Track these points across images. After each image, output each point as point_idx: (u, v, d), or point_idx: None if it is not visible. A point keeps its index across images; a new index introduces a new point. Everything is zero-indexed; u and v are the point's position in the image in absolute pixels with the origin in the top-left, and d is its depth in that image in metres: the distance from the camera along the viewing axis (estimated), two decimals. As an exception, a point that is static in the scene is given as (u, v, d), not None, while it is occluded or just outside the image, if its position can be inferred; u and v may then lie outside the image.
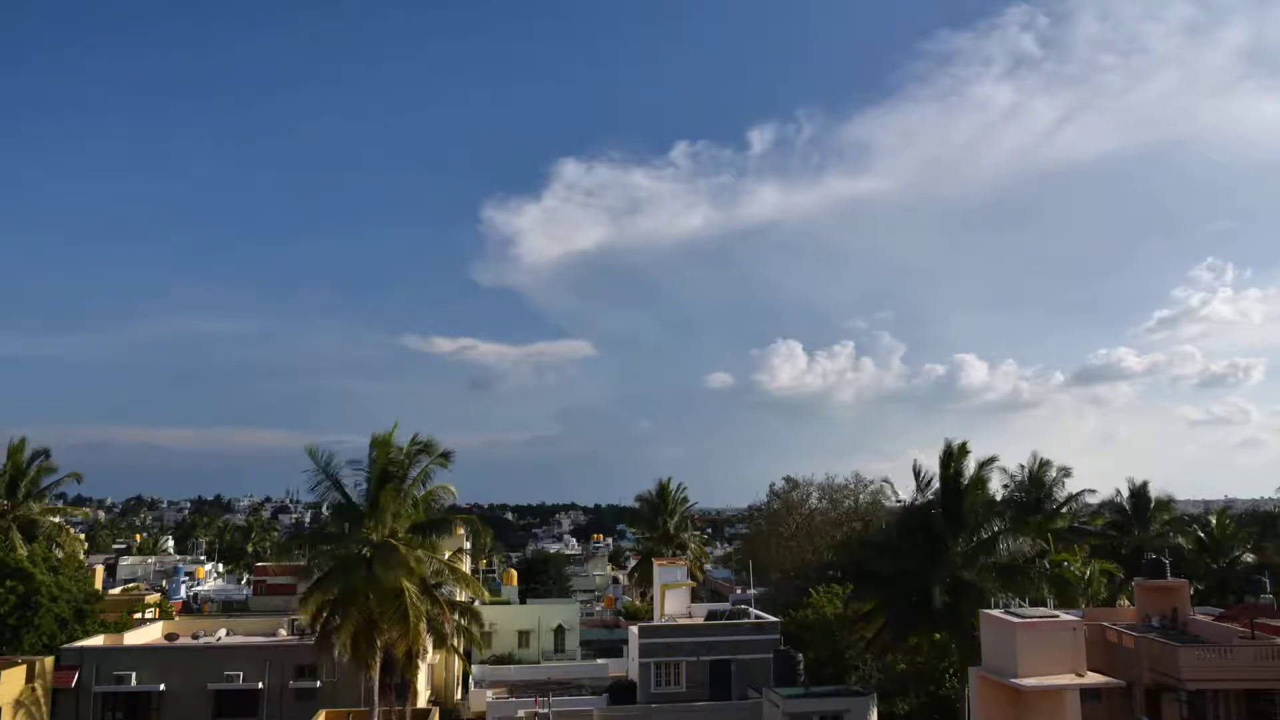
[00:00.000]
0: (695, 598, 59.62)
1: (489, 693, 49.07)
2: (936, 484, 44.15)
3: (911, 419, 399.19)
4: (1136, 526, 67.90)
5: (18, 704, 40.27)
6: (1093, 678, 31.53)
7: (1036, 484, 66.11)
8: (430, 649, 41.28)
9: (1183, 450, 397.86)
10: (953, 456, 44.31)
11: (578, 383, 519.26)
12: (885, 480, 45.95)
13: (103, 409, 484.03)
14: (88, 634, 49.51)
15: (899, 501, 45.79)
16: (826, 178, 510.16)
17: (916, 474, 44.76)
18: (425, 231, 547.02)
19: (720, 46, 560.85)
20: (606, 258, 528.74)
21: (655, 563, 56.68)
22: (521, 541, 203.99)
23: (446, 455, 37.75)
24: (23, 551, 52.30)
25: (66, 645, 46.04)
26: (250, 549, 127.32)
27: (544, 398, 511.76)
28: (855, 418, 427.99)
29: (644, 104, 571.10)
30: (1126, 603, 53.45)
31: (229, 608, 70.88)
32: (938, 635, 43.75)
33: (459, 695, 54.82)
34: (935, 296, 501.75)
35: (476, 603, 44.14)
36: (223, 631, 52.93)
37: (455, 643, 40.33)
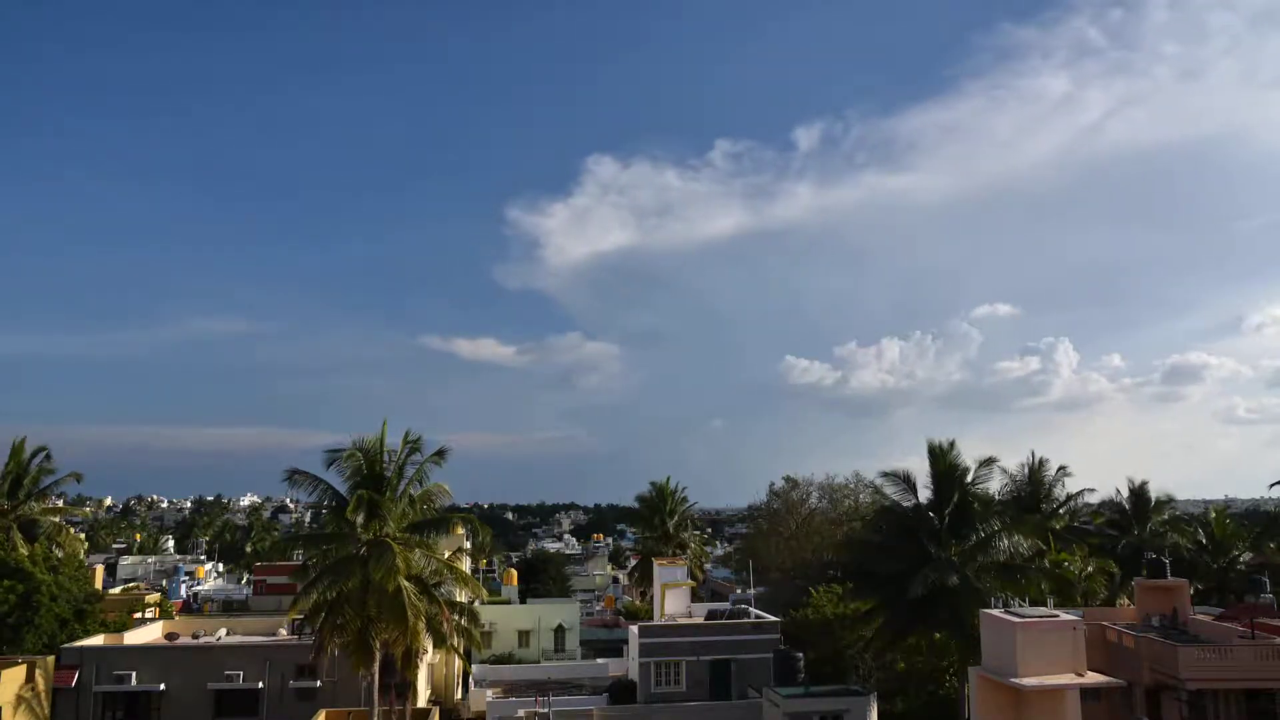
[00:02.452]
0: (695, 598, 59.62)
1: (489, 692, 49.07)
2: (930, 484, 44.29)
3: (976, 417, 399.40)
4: (1136, 526, 67.83)
5: (18, 703, 40.29)
6: (1093, 677, 31.51)
7: (1035, 483, 66.07)
8: (430, 649, 41.28)
9: (1218, 446, 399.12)
10: (942, 456, 44.37)
11: (597, 383, 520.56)
12: (886, 473, 45.82)
13: (108, 408, 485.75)
14: (88, 633, 49.51)
15: (895, 501, 45.77)
16: (873, 176, 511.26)
17: (905, 475, 44.82)
18: (450, 232, 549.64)
19: (774, 43, 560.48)
20: (635, 259, 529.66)
21: (655, 562, 56.65)
22: (521, 541, 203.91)
23: (441, 454, 37.68)
24: (23, 551, 52.28)
25: (67, 645, 46.01)
26: (250, 549, 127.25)
27: (560, 398, 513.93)
28: (910, 418, 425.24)
29: (688, 102, 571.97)
30: (1126, 602, 53.44)
31: (229, 607, 70.86)
32: (938, 635, 43.78)
33: (459, 695, 54.82)
34: (997, 293, 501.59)
35: (476, 602, 44.11)
36: (223, 631, 52.93)
37: (455, 642, 40.31)
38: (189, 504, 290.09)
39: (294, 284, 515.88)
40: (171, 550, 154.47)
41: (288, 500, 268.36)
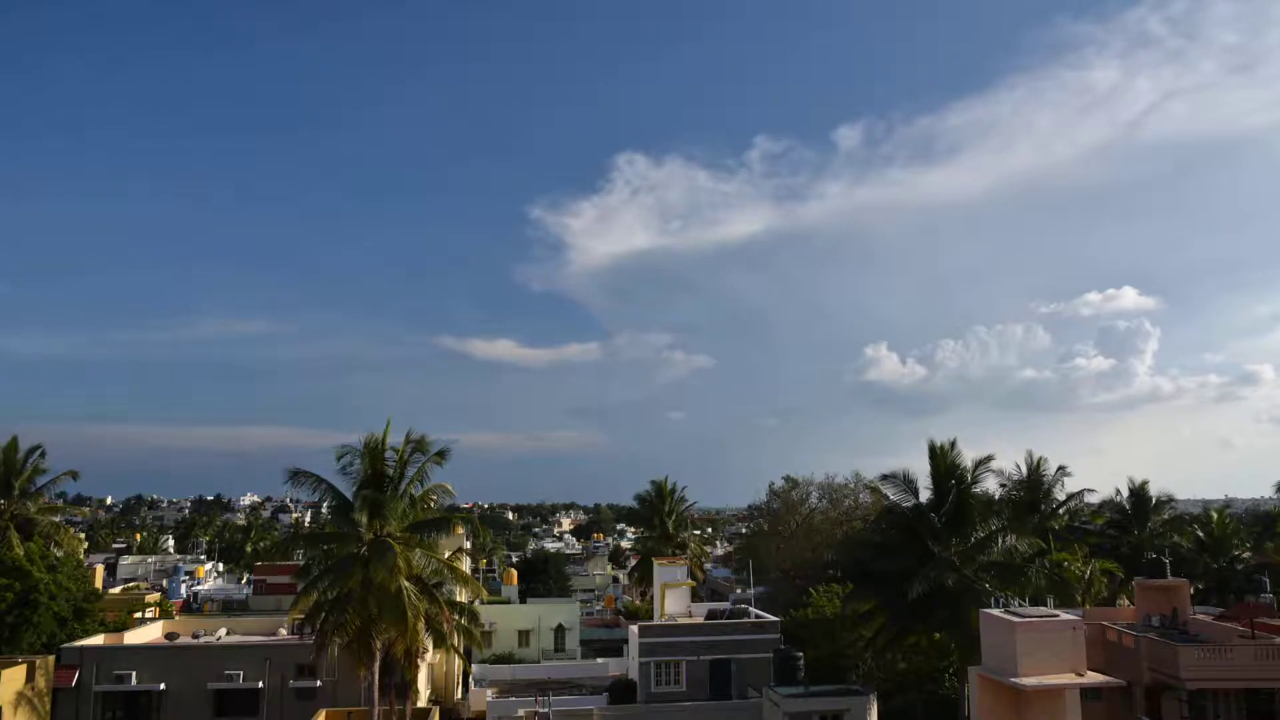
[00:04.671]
0: (695, 597, 59.60)
1: (489, 692, 49.07)
2: (930, 484, 44.32)
3: (1027, 417, 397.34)
4: (1136, 526, 67.86)
5: (18, 703, 40.27)
6: (1093, 677, 31.53)
7: (1034, 483, 66.07)
8: (430, 648, 41.25)
9: (1254, 444, 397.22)
10: (942, 456, 44.36)
11: (615, 384, 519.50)
12: (887, 474, 45.90)
13: (109, 408, 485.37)
14: (88, 633, 49.49)
15: (895, 501, 45.79)
16: (914, 173, 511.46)
17: (905, 475, 44.86)
18: (472, 231, 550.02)
19: (820, 39, 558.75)
20: (662, 260, 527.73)
21: (655, 562, 56.65)
22: (521, 541, 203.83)
23: (443, 454, 37.65)
24: (19, 550, 52.19)
25: (66, 644, 46.00)
26: (250, 549, 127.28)
27: (575, 398, 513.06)
28: (964, 417, 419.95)
29: (728, 100, 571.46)
30: (1126, 602, 53.45)
31: (229, 607, 70.93)
32: (938, 635, 43.79)
33: (459, 694, 54.83)
34: (1044, 292, 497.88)
35: (476, 602, 44.09)
36: (223, 631, 52.93)
37: (455, 642, 40.32)
38: (189, 504, 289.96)
39: (306, 284, 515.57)
40: (171, 550, 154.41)
41: (288, 500, 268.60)
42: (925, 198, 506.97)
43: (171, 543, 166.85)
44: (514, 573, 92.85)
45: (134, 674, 44.24)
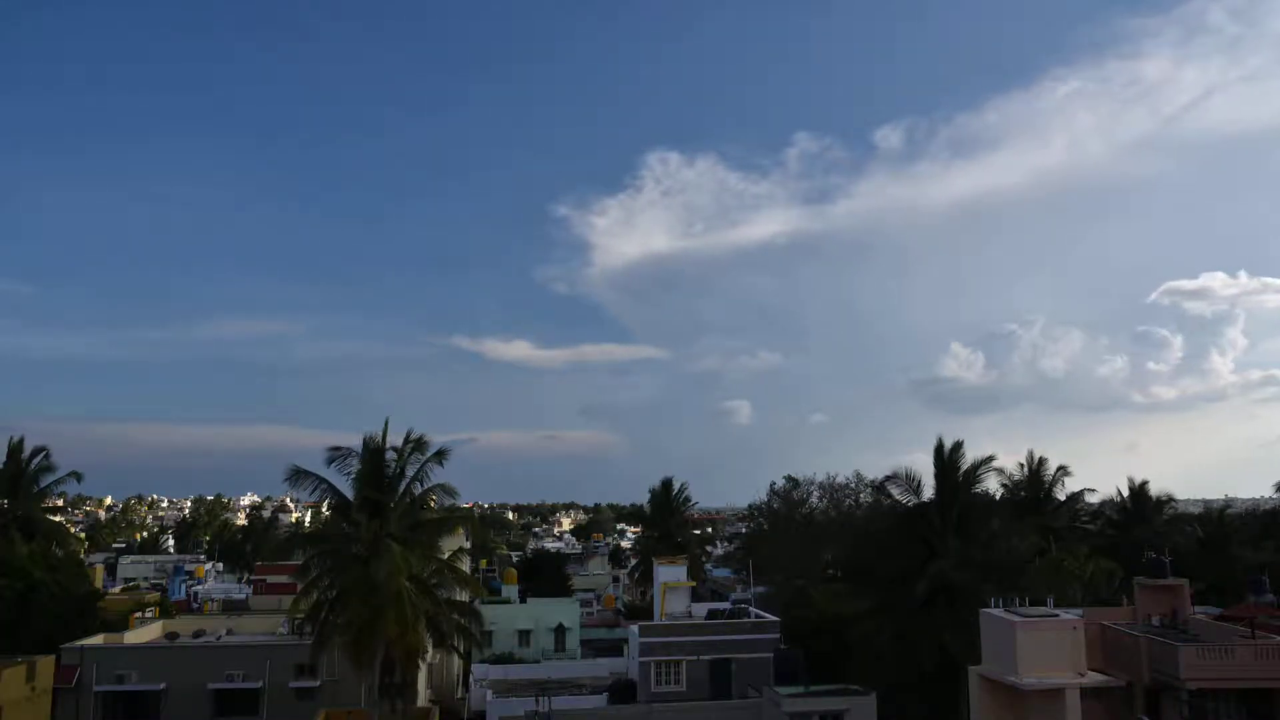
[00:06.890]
0: (695, 597, 59.60)
1: (489, 692, 49.06)
2: (933, 484, 44.33)
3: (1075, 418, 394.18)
4: (1136, 525, 67.86)
5: (18, 703, 40.24)
6: (1093, 677, 31.57)
7: (1035, 483, 66.09)
8: (430, 648, 41.28)
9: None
10: (946, 456, 44.38)
11: (629, 385, 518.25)
12: (887, 477, 45.95)
13: (110, 407, 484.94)
14: (88, 633, 49.49)
15: (898, 500, 45.81)
16: (957, 169, 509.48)
17: (908, 475, 44.89)
18: (491, 230, 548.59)
19: (865, 35, 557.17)
20: (684, 261, 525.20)
21: (655, 562, 56.68)
22: (521, 540, 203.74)
23: (442, 454, 37.67)
24: (22, 550, 52.23)
25: (67, 644, 45.97)
26: (250, 548, 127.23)
27: (586, 398, 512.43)
28: (1014, 418, 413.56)
29: (766, 96, 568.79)
30: (1126, 602, 53.39)
31: (229, 607, 70.93)
32: (938, 635, 43.79)
33: (459, 695, 54.82)
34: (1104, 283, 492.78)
35: (476, 602, 44.09)
36: (223, 631, 52.93)
37: (455, 642, 40.32)
38: (189, 504, 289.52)
39: (322, 283, 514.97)
40: (171, 550, 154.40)
41: (288, 500, 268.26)
42: (968, 194, 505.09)
43: (171, 543, 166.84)
44: (514, 573, 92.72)
45: (134, 674, 44.27)
